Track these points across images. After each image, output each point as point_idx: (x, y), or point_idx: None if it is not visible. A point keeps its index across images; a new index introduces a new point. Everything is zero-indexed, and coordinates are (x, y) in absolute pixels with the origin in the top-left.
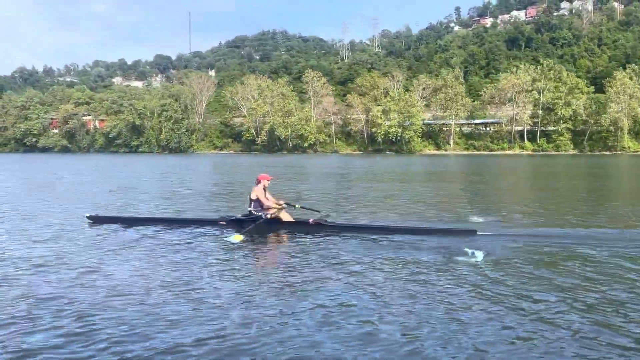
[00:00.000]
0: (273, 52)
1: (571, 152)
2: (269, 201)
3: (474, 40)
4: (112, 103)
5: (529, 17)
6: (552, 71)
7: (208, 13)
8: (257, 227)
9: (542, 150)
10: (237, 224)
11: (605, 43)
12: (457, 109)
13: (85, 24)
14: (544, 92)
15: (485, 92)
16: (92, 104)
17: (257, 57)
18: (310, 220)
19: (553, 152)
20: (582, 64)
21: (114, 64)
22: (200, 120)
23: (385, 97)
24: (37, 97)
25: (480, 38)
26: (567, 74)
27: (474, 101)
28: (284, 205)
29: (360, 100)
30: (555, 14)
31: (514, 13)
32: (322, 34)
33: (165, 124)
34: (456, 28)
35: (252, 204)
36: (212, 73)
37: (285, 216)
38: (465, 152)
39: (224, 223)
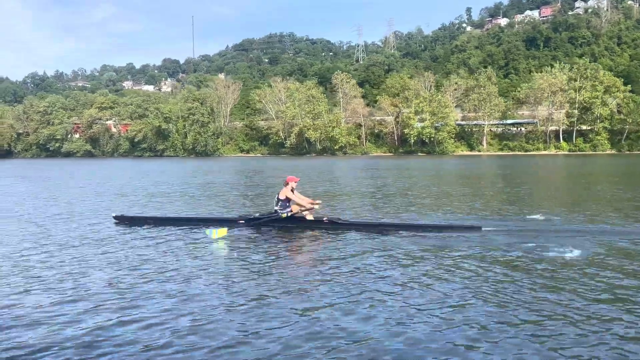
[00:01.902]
0: (281, 54)
1: (609, 152)
2: (302, 200)
3: (490, 41)
4: (137, 107)
5: (543, 17)
6: (588, 70)
7: (211, 18)
8: (267, 223)
9: (579, 150)
10: (255, 222)
11: (625, 42)
12: (491, 109)
13: (86, 32)
14: (581, 92)
15: (519, 91)
16: (115, 109)
17: (266, 60)
18: (325, 219)
19: (590, 152)
20: (604, 63)
21: (123, 69)
22: (226, 124)
23: (417, 98)
24: (59, 102)
25: (497, 38)
26: (604, 72)
27: (506, 101)
28: (318, 203)
29: (390, 102)
30: (570, 13)
31: (528, 13)
32: (328, 35)
33: (193, 127)
34: (468, 29)
35: (279, 204)
36: (221, 76)
37: (309, 216)
38: (500, 153)
39: (243, 222)
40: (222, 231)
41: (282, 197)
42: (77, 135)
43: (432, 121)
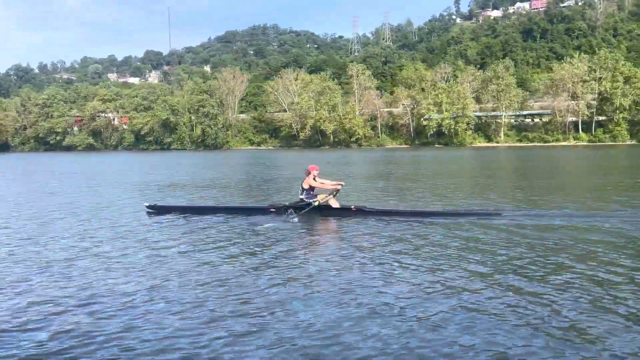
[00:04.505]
0: (266, 46)
1: (629, 143)
2: (325, 184)
3: (484, 32)
4: (143, 99)
5: (534, 9)
6: (608, 60)
7: (187, 9)
8: (308, 212)
9: (599, 141)
10: (285, 211)
11: (621, 34)
12: (510, 100)
13: (58, 22)
14: (602, 82)
15: (537, 82)
16: (119, 101)
17: (252, 52)
18: (352, 207)
19: (610, 143)
20: None
21: (104, 60)
22: (235, 116)
23: (435, 90)
24: (59, 94)
25: (493, 30)
26: (624, 63)
27: (523, 92)
28: (341, 184)
29: (407, 93)
30: (563, 4)
31: (519, 4)
32: (310, 28)
33: (203, 119)
34: (458, 20)
35: (304, 193)
36: (207, 68)
37: (334, 203)
38: (519, 144)
39: (274, 210)
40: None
41: (305, 186)
42: (76, 129)
43: (450, 112)
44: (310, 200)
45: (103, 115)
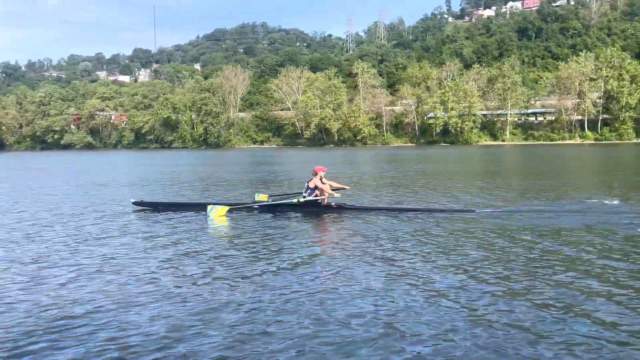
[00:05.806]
0: (256, 45)
1: (635, 141)
2: (332, 185)
3: (478, 31)
4: (143, 97)
5: (527, 8)
6: (613, 59)
7: (174, 8)
8: (291, 208)
9: (605, 139)
10: (269, 208)
11: (615, 33)
12: (517, 99)
13: (39, 20)
14: (609, 81)
15: (544, 81)
16: (119, 99)
17: (241, 50)
18: (333, 204)
19: (616, 141)
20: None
21: (92, 58)
22: (236, 114)
23: (441, 88)
24: (56, 92)
25: (487, 29)
26: (630, 62)
27: (529, 91)
28: (345, 187)
29: (412, 92)
30: (555, 4)
31: (511, 3)
32: (298, 25)
33: (205, 118)
34: (450, 19)
35: (308, 191)
36: (197, 66)
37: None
38: (525, 143)
39: (257, 207)
40: (223, 209)
41: (311, 185)
42: (73, 127)
43: (457, 111)
44: (295, 198)
45: (102, 113)
